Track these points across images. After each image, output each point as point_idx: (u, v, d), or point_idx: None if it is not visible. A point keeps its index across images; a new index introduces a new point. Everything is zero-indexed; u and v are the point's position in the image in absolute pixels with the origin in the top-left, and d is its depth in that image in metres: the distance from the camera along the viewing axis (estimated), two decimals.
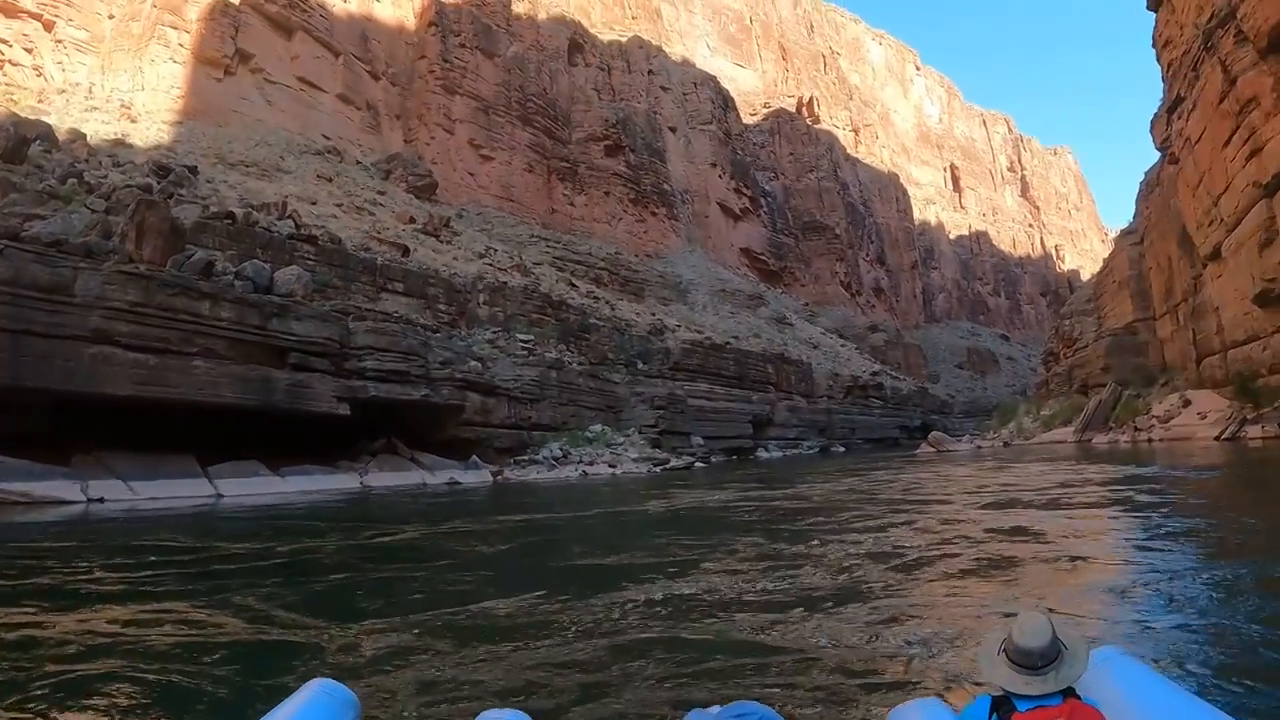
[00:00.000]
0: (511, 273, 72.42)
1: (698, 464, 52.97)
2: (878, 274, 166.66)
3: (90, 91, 71.80)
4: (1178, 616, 6.76)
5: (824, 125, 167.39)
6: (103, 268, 29.19)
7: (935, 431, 71.31)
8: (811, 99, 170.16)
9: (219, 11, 78.72)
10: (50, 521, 20.68)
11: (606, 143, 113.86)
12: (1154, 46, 56.55)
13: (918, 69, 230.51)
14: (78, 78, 72.93)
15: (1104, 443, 49.56)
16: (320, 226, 57.09)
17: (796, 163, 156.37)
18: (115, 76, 74.16)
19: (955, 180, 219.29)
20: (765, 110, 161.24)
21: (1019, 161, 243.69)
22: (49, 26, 72.94)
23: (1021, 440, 65.01)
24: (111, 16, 77.51)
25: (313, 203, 65.83)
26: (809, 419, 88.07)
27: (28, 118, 54.85)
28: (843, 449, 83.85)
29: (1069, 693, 2.83)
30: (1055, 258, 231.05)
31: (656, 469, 47.30)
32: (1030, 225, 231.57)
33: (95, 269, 28.91)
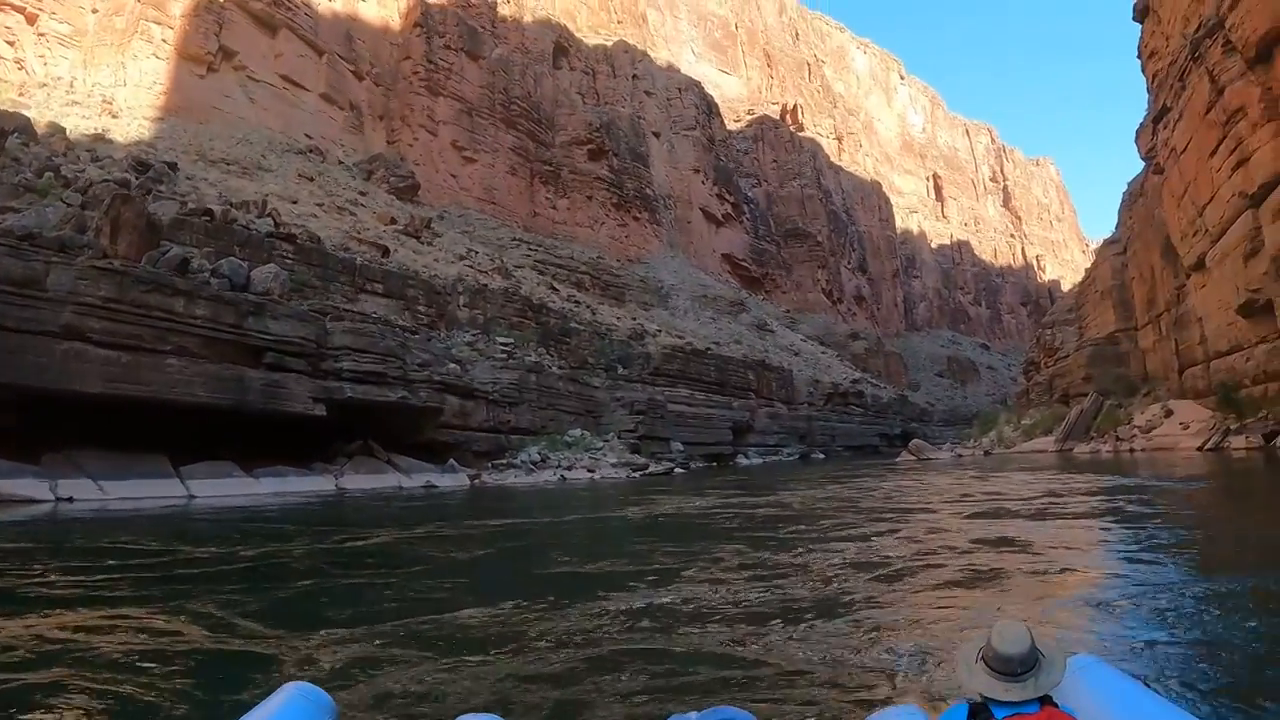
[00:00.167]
0: (492, 275, 72.03)
1: (677, 470, 52.77)
2: (859, 282, 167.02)
3: (72, 86, 71.18)
4: (1171, 632, 6.58)
5: (808, 133, 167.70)
6: (76, 263, 28.80)
7: (916, 439, 71.33)
8: (796, 106, 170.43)
9: (203, 8, 78.19)
10: (15, 521, 20.23)
11: (590, 147, 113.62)
12: (1139, 57, 56.77)
13: (902, 78, 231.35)
14: (60, 72, 72.34)
15: (1085, 452, 49.59)
16: (300, 226, 56.61)
17: (779, 170, 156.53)
18: (97, 71, 73.56)
19: (938, 189, 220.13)
20: (749, 117, 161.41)
21: (1001, 172, 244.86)
22: (32, 20, 72.34)
23: (1002, 449, 65.04)
24: (95, 11, 76.86)
25: (293, 202, 65.38)
26: (789, 426, 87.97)
27: (6, 110, 54.38)
28: (823, 456, 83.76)
29: (1046, 700, 2.86)
30: (1036, 268, 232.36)
31: (636, 474, 47.06)
32: (1012, 235, 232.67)
33: (68, 264, 28.51)
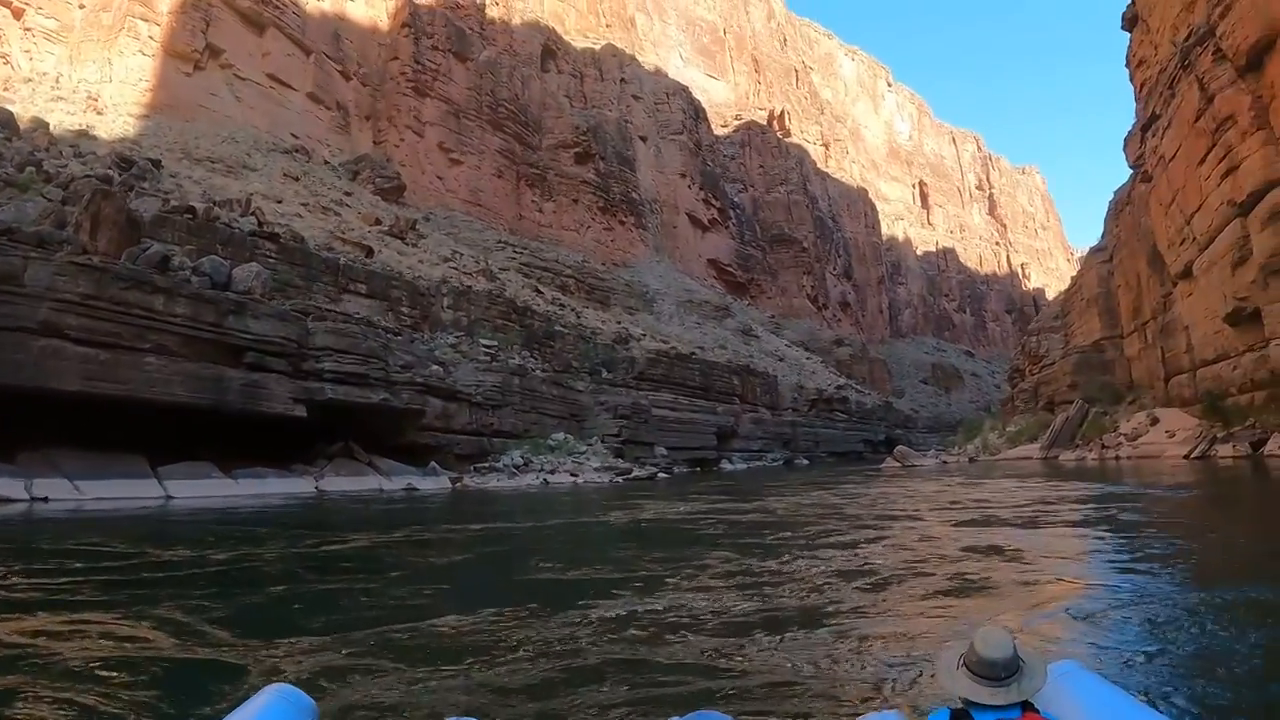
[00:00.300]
0: (477, 277, 71.75)
1: (661, 475, 52.52)
2: (844, 288, 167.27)
3: (57, 82, 70.79)
4: (1167, 645, 6.44)
5: (795, 139, 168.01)
6: (54, 258, 28.47)
7: (900, 446, 71.30)
8: (783, 112, 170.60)
9: (190, 5, 77.89)
10: None
11: (576, 150, 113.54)
12: (1127, 66, 56.96)
13: (889, 85, 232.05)
14: (45, 67, 71.97)
15: (1071, 460, 49.62)
16: (284, 225, 56.21)
17: (766, 175, 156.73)
18: (83, 67, 73.18)
19: (924, 197, 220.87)
20: (736, 122, 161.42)
21: (987, 180, 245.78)
22: (18, 14, 71.97)
23: (987, 456, 65.07)
24: (82, 6, 76.64)
25: (278, 201, 65.01)
26: (773, 431, 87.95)
27: None
28: (806, 462, 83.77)
29: (1027, 706, 2.85)
30: (1021, 276, 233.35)
31: (619, 479, 46.84)
32: (997, 243, 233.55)
33: (46, 259, 28.18)
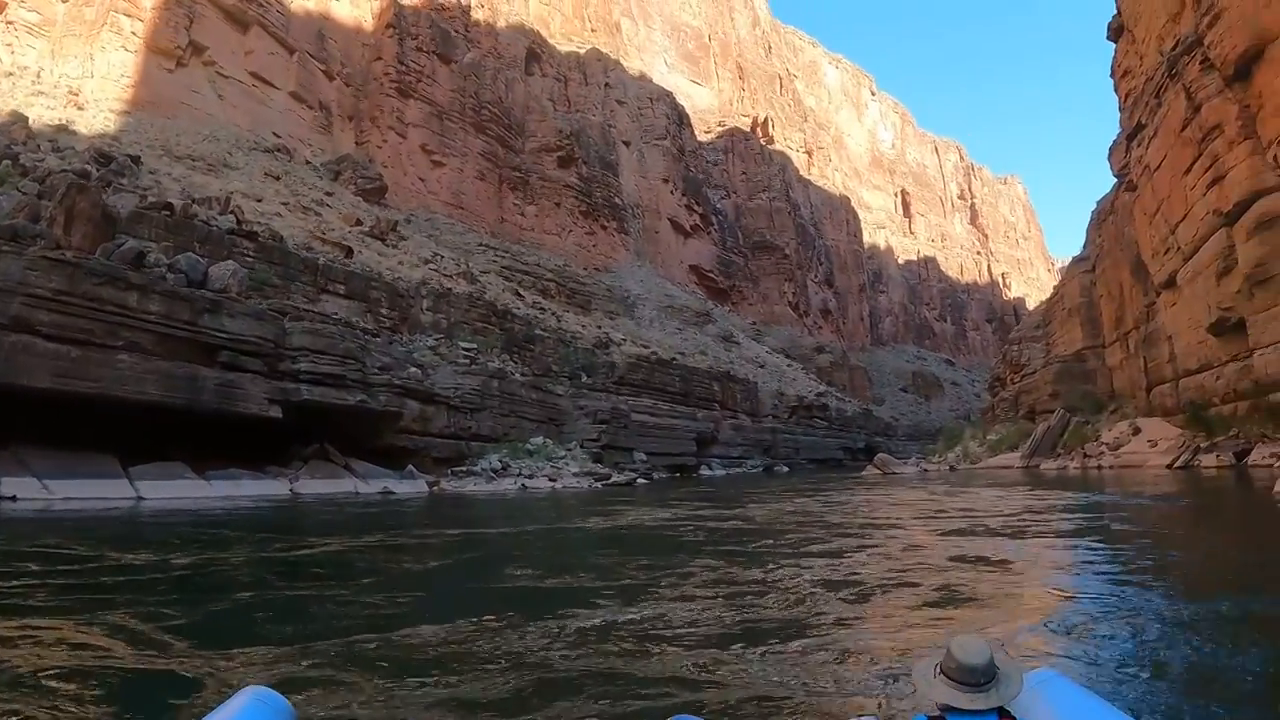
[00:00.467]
0: (457, 280, 71.42)
1: (640, 480, 52.22)
2: (826, 295, 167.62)
3: (39, 76, 70.10)
4: (1162, 660, 6.32)
5: (778, 146, 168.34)
6: (26, 252, 28.09)
7: (881, 454, 71.18)
8: (766, 119, 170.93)
9: (174, 1, 77.38)
10: None
11: (559, 154, 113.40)
12: (1112, 76, 57.20)
13: (873, 94, 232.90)
14: (27, 61, 71.24)
15: (1053, 469, 49.66)
16: (263, 224, 55.71)
17: (749, 182, 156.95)
18: (65, 62, 72.47)
19: (906, 205, 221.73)
20: (720, 128, 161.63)
21: (969, 189, 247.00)
22: (1, 8, 71.16)
23: (967, 464, 65.12)
24: (64, 1, 75.72)
25: (258, 200, 64.53)
26: (753, 438, 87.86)
27: None
28: (786, 469, 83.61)
29: (1003, 712, 2.91)
30: (1002, 285, 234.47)
31: (598, 484, 46.54)
32: (978, 252, 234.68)
33: (18, 253, 27.80)
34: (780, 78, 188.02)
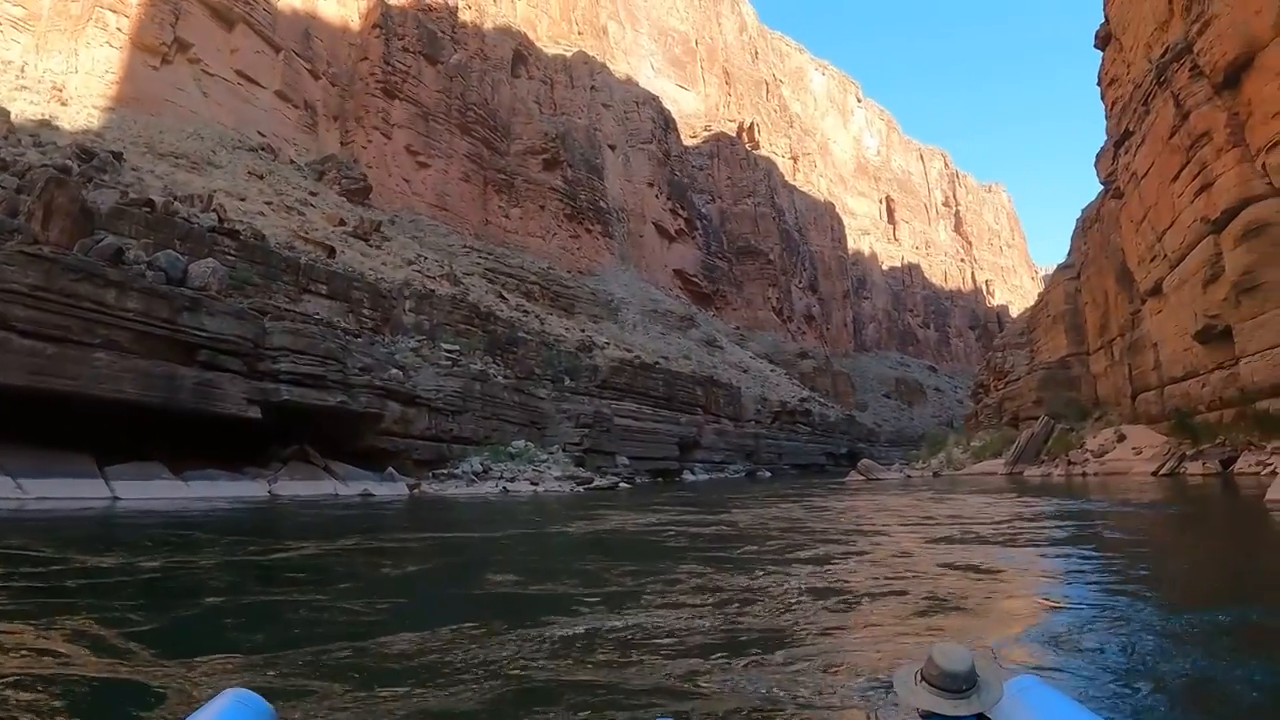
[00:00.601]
0: (440, 281, 71.11)
1: (622, 484, 52.08)
2: (809, 301, 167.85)
3: (22, 70, 69.49)
4: (1158, 675, 6.10)
5: (763, 151, 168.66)
6: (3, 247, 27.72)
7: (865, 459, 71.27)
8: (752, 124, 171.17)
9: None
10: None
11: (545, 156, 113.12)
12: (1099, 84, 57.32)
13: (859, 101, 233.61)
14: (10, 55, 70.61)
15: (1037, 476, 49.63)
16: (246, 223, 55.29)
17: (734, 187, 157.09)
18: (49, 57, 71.88)
19: (890, 212, 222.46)
20: (706, 133, 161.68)
21: (954, 197, 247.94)
22: None
23: (951, 471, 65.11)
24: None
25: (241, 199, 64.09)
26: (736, 443, 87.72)
27: None
28: (769, 474, 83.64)
29: (983, 719, 2.94)
30: (985, 293, 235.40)
31: (580, 488, 46.34)
32: (962, 260, 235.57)
33: None
34: (767, 83, 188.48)
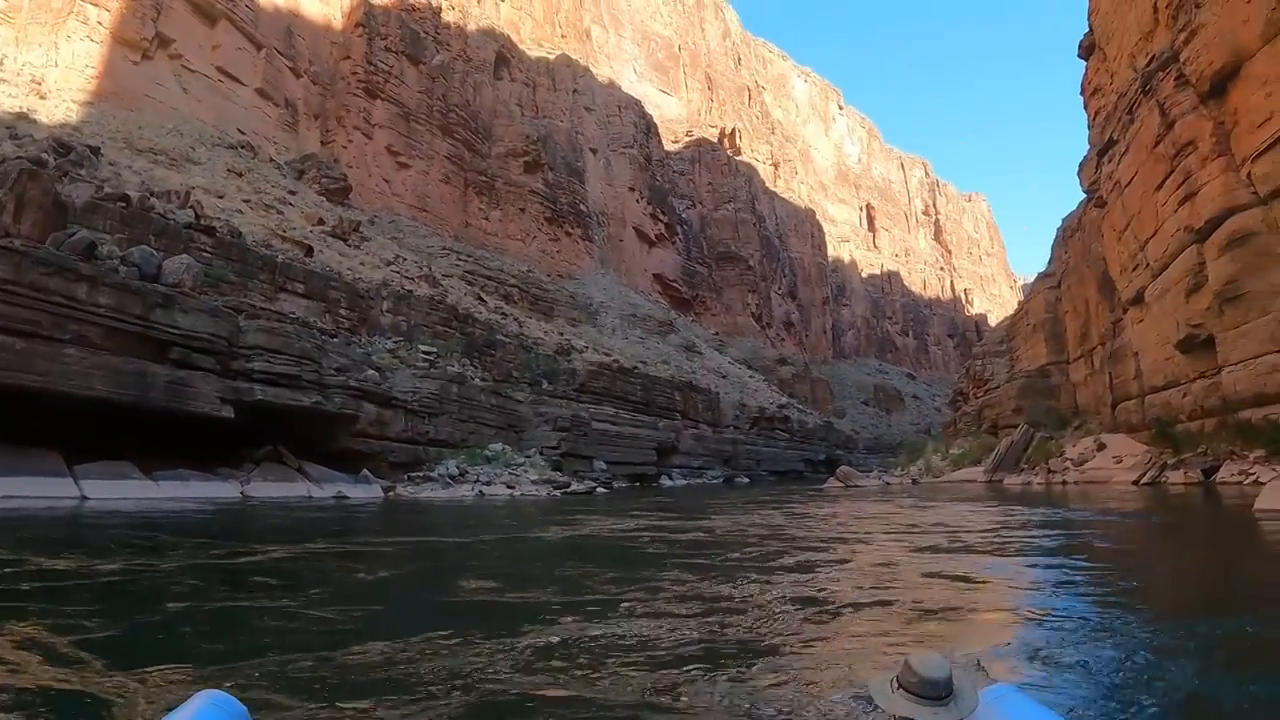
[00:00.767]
0: (419, 282, 70.74)
1: (600, 489, 51.77)
2: (789, 308, 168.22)
3: (1, 63, 68.75)
4: (1153, 689, 5.85)
5: (744, 157, 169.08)
6: None
7: (844, 466, 71.19)
8: (734, 130, 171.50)
9: None
10: None
11: (526, 159, 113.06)
12: (1082, 94, 57.54)
13: (840, 108, 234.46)
14: None
15: (1016, 484, 49.64)
16: (223, 220, 54.75)
17: (715, 192, 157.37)
18: (29, 50, 71.19)
19: (870, 220, 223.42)
20: (687, 138, 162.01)
21: (934, 205, 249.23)
22: None
23: (930, 478, 65.16)
24: None
25: (220, 196, 63.63)
26: (714, 448, 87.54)
27: None
28: (747, 480, 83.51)
29: None
30: (964, 301, 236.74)
31: (557, 492, 46.05)
32: (941, 268, 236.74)
33: None
34: (749, 89, 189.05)
